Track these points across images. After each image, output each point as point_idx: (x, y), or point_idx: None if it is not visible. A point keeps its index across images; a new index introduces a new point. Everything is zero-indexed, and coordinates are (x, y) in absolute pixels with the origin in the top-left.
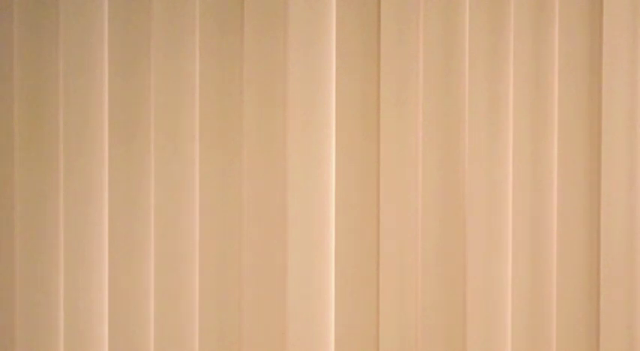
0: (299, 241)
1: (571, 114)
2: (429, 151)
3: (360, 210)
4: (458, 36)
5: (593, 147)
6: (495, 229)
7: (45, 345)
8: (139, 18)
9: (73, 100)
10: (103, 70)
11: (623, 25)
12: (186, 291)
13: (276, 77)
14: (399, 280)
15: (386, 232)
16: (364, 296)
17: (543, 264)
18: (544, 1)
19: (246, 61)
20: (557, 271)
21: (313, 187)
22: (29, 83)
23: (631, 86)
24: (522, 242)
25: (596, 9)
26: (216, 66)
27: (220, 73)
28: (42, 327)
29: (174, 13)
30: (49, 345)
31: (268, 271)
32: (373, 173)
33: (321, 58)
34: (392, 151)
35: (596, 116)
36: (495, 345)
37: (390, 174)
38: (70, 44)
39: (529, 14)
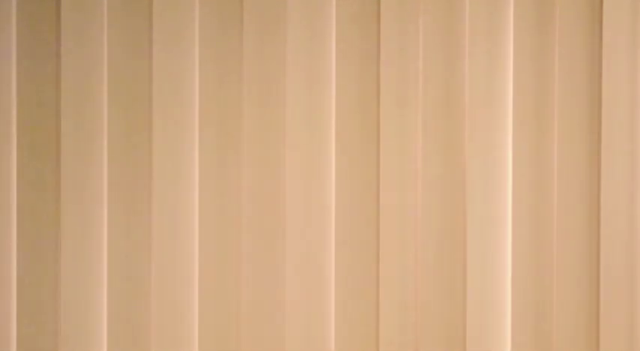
0: (299, 240)
1: (571, 113)
2: (429, 150)
3: (360, 209)
4: (458, 36)
5: (593, 146)
6: (495, 228)
7: (45, 345)
8: (138, 18)
9: (72, 101)
10: (103, 69)
11: (623, 25)
12: (186, 290)
13: (275, 77)
14: (399, 278)
15: (386, 231)
16: (364, 295)
17: (543, 262)
18: (544, 2)
19: (246, 61)
20: (557, 270)
21: (313, 188)
22: (29, 83)
23: (631, 86)
24: (522, 240)
25: (596, 9)
26: (216, 66)
27: (220, 73)
28: (41, 328)
29: (174, 13)
30: (48, 345)
31: (267, 271)
32: (373, 173)
33: (321, 58)
34: (392, 150)
35: (596, 116)
36: (495, 344)
37: (390, 173)
38: (70, 45)
39: (529, 14)
